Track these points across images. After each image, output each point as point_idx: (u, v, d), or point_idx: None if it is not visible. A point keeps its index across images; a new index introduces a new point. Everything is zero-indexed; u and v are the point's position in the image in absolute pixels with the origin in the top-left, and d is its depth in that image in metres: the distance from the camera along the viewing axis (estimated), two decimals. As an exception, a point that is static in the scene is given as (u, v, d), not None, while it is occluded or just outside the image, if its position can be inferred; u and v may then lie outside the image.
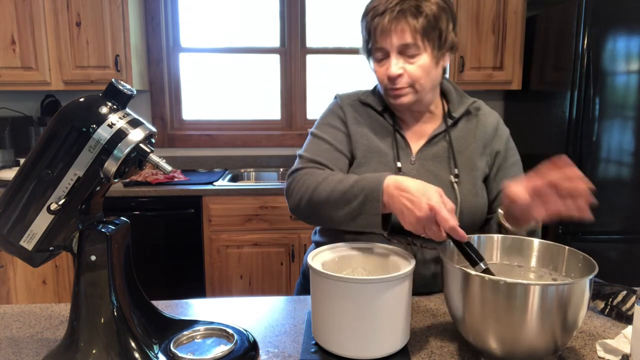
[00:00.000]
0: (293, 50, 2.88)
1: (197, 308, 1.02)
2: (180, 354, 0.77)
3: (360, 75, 2.96)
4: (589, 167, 2.15)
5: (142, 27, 2.66)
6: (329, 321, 0.79)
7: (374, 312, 0.77)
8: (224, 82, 2.92)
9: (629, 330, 0.82)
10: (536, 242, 0.89)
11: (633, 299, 0.96)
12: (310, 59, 2.92)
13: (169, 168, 0.76)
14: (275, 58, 2.90)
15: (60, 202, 0.73)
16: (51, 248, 0.76)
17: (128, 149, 0.73)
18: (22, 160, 2.28)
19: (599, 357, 0.81)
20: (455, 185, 1.05)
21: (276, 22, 2.88)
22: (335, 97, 1.17)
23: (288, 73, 2.90)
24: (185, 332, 0.85)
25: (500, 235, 0.92)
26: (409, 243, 1.04)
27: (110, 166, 0.73)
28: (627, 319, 0.94)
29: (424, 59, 1.00)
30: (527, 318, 0.69)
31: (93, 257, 0.75)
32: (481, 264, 0.80)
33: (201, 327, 0.87)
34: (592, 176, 2.15)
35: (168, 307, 1.02)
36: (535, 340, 0.70)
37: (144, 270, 2.31)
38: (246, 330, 0.87)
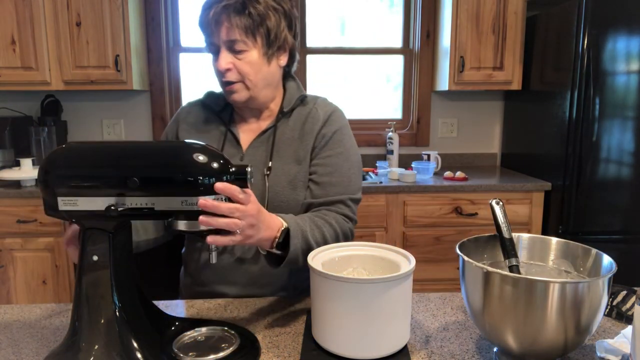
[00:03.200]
0: (293, 50, 2.87)
1: (199, 308, 1.02)
2: (182, 355, 0.77)
3: (360, 75, 2.96)
4: (589, 167, 2.15)
5: (142, 27, 2.66)
6: (329, 321, 0.79)
7: (374, 312, 0.77)
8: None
9: (629, 330, 0.82)
10: (554, 240, 0.89)
11: (633, 299, 0.96)
12: (310, 59, 2.92)
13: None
14: (275, 58, 2.90)
15: (119, 210, 0.73)
16: (73, 220, 0.77)
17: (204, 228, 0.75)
18: (22, 160, 2.28)
19: (599, 357, 0.81)
20: (266, 179, 1.07)
21: (276, 22, 2.87)
22: (179, 110, 1.22)
23: (288, 73, 2.90)
24: (187, 333, 0.85)
25: (527, 235, 0.92)
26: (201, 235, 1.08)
27: (180, 226, 0.75)
28: (627, 319, 0.94)
29: (252, 55, 1.04)
30: (546, 315, 0.69)
31: (95, 257, 0.75)
32: (512, 260, 0.83)
33: (203, 328, 0.87)
34: (592, 176, 2.15)
35: (169, 307, 1.02)
36: (553, 336, 0.71)
37: (147, 269, 2.30)
38: (248, 331, 0.87)
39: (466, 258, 0.78)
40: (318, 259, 0.87)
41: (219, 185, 0.73)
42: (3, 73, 2.38)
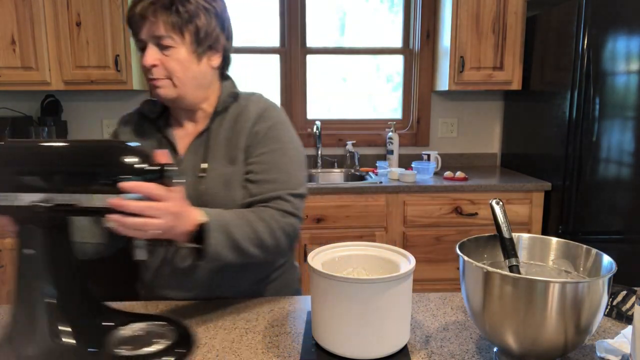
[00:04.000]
0: (293, 50, 2.88)
1: (198, 308, 1.01)
2: (114, 348, 0.79)
3: (360, 75, 2.96)
4: (589, 167, 2.15)
5: (142, 27, 2.66)
6: (329, 321, 0.79)
7: (374, 312, 0.77)
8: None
9: (629, 330, 0.82)
10: (554, 240, 0.89)
11: (633, 299, 0.96)
12: (310, 59, 2.92)
13: None
14: (275, 58, 2.90)
15: (45, 206, 0.75)
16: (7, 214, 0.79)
17: None
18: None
19: (599, 357, 0.81)
20: (201, 183, 1.06)
21: (276, 22, 2.88)
22: (120, 119, 1.20)
23: (288, 73, 2.90)
24: (125, 327, 0.86)
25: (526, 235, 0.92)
26: (159, 245, 1.07)
27: (110, 225, 0.76)
28: (627, 319, 0.94)
29: (180, 52, 1.02)
30: (546, 315, 0.70)
31: (28, 251, 0.77)
32: (512, 260, 0.83)
33: (143, 323, 0.88)
34: (592, 176, 2.15)
35: (158, 308, 1.02)
36: (553, 336, 0.71)
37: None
38: (186, 327, 0.89)
39: (466, 258, 0.78)
40: (318, 259, 0.87)
41: (123, 185, 0.73)
42: (3, 73, 2.38)
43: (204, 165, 1.07)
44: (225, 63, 1.14)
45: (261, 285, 1.14)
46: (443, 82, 2.66)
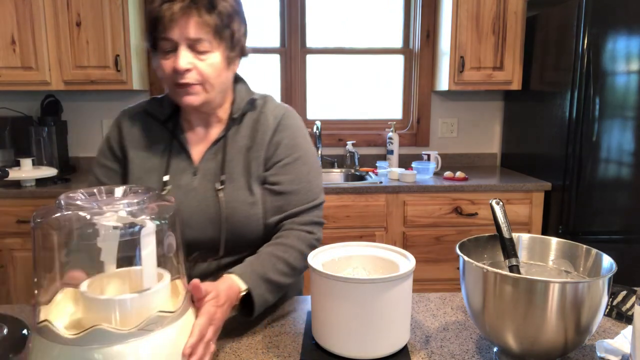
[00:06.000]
0: (293, 50, 2.88)
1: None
2: None
3: (360, 75, 2.96)
4: (589, 167, 2.15)
5: (142, 27, 2.66)
6: (329, 321, 0.79)
7: (374, 312, 0.77)
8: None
9: (629, 330, 0.82)
10: (554, 240, 0.89)
11: (633, 299, 0.96)
12: (310, 59, 2.92)
13: None
14: (275, 58, 2.90)
15: None
16: None
17: None
18: (22, 160, 2.28)
19: (599, 357, 0.81)
20: (220, 194, 1.00)
21: (276, 22, 2.88)
22: (120, 113, 1.11)
23: (288, 73, 2.90)
24: None
25: (526, 235, 0.92)
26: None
27: None
28: (627, 319, 0.94)
29: (216, 57, 0.95)
30: (546, 315, 0.70)
31: None
32: (512, 260, 0.83)
33: None
34: (592, 176, 2.15)
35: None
36: (553, 336, 0.71)
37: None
38: (22, 321, 0.88)
39: (466, 258, 0.78)
40: (318, 259, 0.87)
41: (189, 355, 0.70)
42: (3, 73, 2.38)
43: (223, 177, 1.02)
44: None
45: None
46: (443, 82, 2.66)
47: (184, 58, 0.92)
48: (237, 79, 1.10)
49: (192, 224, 1.01)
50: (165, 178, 1.02)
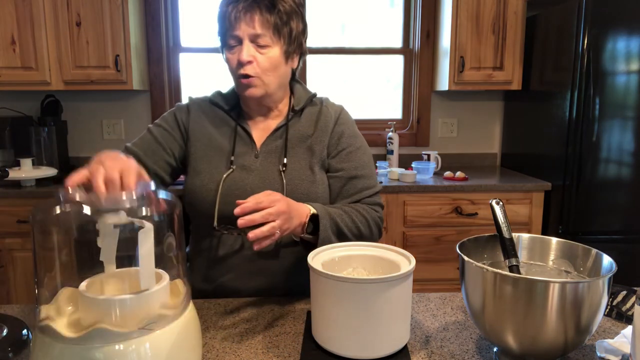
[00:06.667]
0: (293, 50, 2.87)
1: (198, 307, 1.01)
2: None
3: (360, 75, 2.96)
4: (589, 167, 2.15)
5: (142, 27, 2.66)
6: (329, 321, 0.79)
7: (374, 312, 0.77)
8: (223, 82, 2.92)
9: (629, 330, 0.82)
10: (554, 240, 0.89)
11: (633, 299, 0.96)
12: (310, 59, 2.92)
13: None
14: (275, 58, 2.90)
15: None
16: None
17: None
18: (22, 160, 2.28)
19: (599, 357, 0.81)
20: (283, 175, 1.11)
21: (276, 22, 2.87)
22: (189, 99, 1.23)
23: (288, 73, 2.90)
24: None
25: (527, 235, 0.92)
26: (238, 233, 1.07)
27: None
28: (627, 319, 0.94)
29: (275, 51, 1.07)
30: (546, 315, 0.70)
31: None
32: (512, 260, 0.83)
33: None
34: (592, 176, 2.15)
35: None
36: (553, 336, 0.71)
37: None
38: (22, 321, 0.89)
39: (466, 258, 0.78)
40: (318, 259, 0.87)
41: (241, 222, 0.83)
42: (3, 73, 2.38)
43: (285, 160, 1.12)
44: (298, 65, 1.19)
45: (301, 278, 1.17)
46: (443, 82, 2.66)
47: (246, 51, 1.04)
48: (297, 81, 1.23)
49: None
50: (232, 158, 1.13)
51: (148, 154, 1.14)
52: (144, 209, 0.71)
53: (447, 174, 2.49)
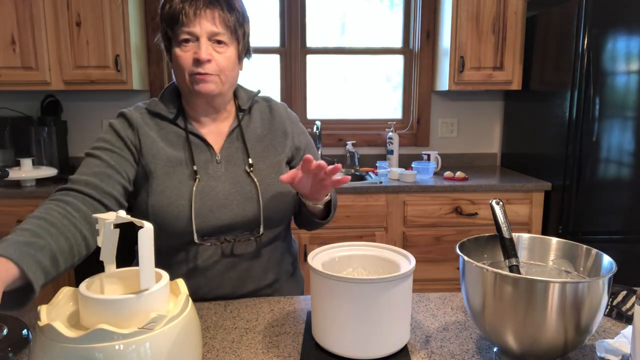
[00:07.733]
0: (293, 50, 2.88)
1: (198, 308, 1.01)
2: None
3: (360, 75, 2.96)
4: (589, 167, 2.15)
5: (142, 27, 2.66)
6: (329, 321, 0.79)
7: (374, 312, 0.77)
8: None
9: (629, 330, 0.82)
10: (554, 240, 0.89)
11: (633, 299, 0.96)
12: (310, 59, 2.92)
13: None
14: (275, 58, 2.90)
15: None
16: None
17: None
18: (22, 160, 2.28)
19: (599, 357, 0.81)
20: (252, 175, 1.10)
21: (276, 22, 2.88)
22: (119, 115, 1.10)
23: (288, 73, 2.90)
24: None
25: (527, 235, 0.92)
26: (221, 242, 1.08)
27: None
28: (627, 319, 0.94)
29: (231, 51, 1.05)
30: (546, 315, 0.70)
31: None
32: (512, 260, 0.83)
33: None
34: (592, 176, 2.15)
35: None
36: (553, 336, 0.71)
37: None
38: (22, 321, 0.89)
39: (466, 258, 0.78)
40: (318, 259, 0.87)
41: (331, 167, 0.93)
42: (3, 73, 2.38)
43: (250, 161, 1.11)
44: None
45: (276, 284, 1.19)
46: (443, 82, 2.66)
47: (205, 50, 1.01)
48: None
49: (230, 205, 1.07)
50: (195, 168, 1.08)
51: (104, 180, 1.00)
52: None
53: (447, 174, 2.49)
